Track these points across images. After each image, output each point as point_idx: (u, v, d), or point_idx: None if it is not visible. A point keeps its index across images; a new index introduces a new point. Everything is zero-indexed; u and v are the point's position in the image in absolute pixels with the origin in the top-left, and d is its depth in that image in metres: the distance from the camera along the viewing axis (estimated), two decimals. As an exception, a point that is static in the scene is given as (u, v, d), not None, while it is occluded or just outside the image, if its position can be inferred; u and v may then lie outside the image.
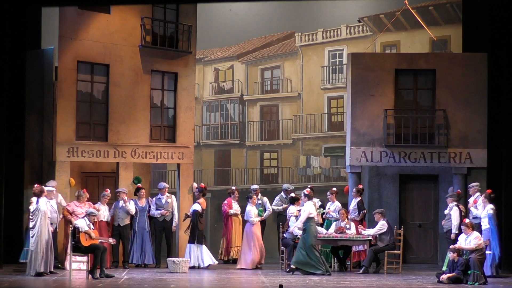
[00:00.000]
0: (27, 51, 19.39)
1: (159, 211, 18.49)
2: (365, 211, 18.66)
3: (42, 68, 19.43)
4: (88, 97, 19.17)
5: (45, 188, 16.51)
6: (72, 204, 17.71)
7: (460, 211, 17.56)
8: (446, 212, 17.84)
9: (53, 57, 19.11)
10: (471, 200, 17.59)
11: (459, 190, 18.90)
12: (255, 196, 19.02)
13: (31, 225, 16.02)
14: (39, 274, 15.81)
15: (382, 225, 17.66)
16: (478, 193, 17.43)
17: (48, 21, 20.61)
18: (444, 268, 16.10)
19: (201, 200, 18.40)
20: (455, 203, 17.60)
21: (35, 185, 16.46)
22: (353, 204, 18.86)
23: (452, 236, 17.34)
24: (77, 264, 17.02)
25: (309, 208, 16.96)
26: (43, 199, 16.08)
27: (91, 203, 17.78)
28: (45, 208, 16.00)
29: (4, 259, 17.54)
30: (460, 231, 16.96)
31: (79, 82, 18.98)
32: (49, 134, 18.94)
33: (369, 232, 17.70)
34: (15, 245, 18.10)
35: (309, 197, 17.20)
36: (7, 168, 17.74)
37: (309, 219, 16.90)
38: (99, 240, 16.18)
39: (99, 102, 19.33)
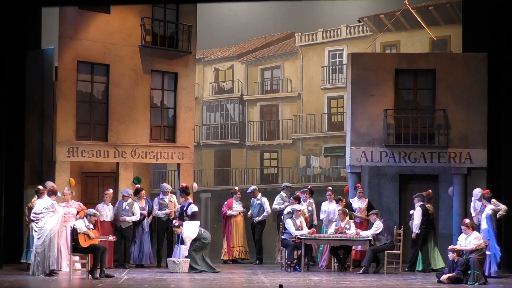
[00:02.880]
0: (27, 51, 19.38)
1: (163, 211, 18.46)
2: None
3: (42, 68, 19.43)
4: (88, 97, 19.18)
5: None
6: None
7: (424, 211, 17.59)
8: (411, 212, 17.91)
9: (53, 57, 19.11)
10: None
11: (429, 190, 18.88)
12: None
13: (39, 224, 15.90)
14: (52, 272, 15.79)
15: (377, 225, 17.66)
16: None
17: (48, 21, 20.60)
18: (444, 267, 16.13)
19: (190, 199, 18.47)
20: (420, 203, 17.66)
21: (51, 184, 16.37)
22: (362, 203, 18.85)
23: (413, 235, 17.45)
24: (77, 264, 17.01)
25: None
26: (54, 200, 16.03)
27: (80, 203, 17.18)
28: (59, 208, 15.98)
29: (4, 259, 17.53)
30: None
31: (79, 82, 19.01)
32: (49, 134, 18.94)
33: (366, 233, 17.72)
34: (15, 245, 18.08)
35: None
36: (7, 168, 17.72)
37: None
38: (99, 240, 16.14)
39: (99, 102, 19.35)
